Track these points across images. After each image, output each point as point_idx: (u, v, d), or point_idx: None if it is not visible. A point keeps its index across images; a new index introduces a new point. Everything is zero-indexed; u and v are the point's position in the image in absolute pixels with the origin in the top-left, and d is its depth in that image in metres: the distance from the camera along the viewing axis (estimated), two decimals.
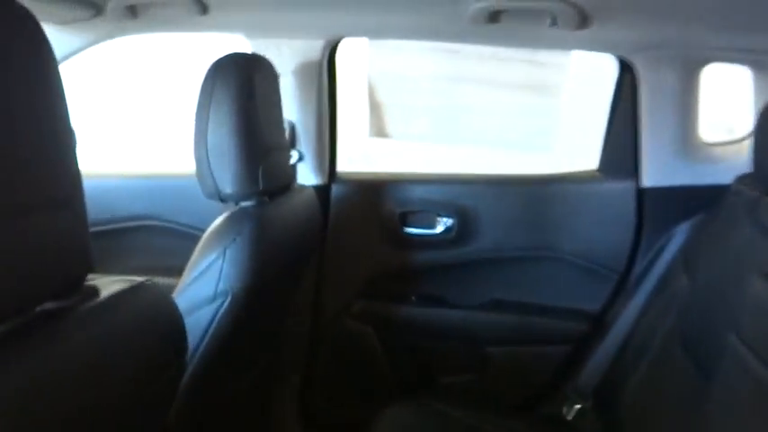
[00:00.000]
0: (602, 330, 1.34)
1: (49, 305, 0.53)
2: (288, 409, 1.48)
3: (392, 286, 1.51)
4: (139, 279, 0.63)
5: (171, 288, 1.48)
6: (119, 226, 1.58)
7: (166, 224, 1.58)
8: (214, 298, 0.90)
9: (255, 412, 1.22)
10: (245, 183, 0.97)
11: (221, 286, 0.90)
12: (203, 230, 1.54)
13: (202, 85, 0.95)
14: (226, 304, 0.90)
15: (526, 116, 1.47)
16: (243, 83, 0.94)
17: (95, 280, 0.60)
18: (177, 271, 1.47)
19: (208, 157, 0.96)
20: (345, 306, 1.50)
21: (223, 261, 0.91)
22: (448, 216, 1.42)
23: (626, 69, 1.34)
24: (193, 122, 0.96)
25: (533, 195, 1.43)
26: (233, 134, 0.94)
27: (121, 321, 0.58)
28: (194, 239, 1.52)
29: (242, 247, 0.92)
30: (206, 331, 0.90)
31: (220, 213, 1.01)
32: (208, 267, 0.91)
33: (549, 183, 1.44)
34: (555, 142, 1.42)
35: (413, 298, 1.50)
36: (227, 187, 0.97)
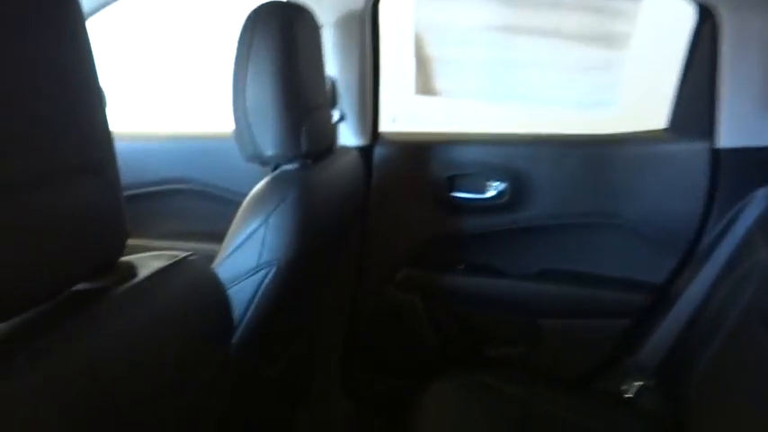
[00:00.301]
0: (667, 303, 1.30)
1: (81, 287, 0.50)
2: (330, 381, 1.50)
3: (439, 254, 1.50)
4: (180, 253, 0.61)
5: (209, 256, 1.53)
6: (152, 189, 1.62)
7: (201, 187, 1.61)
8: (257, 269, 0.89)
9: (297, 385, 1.25)
10: (288, 144, 0.95)
11: (265, 256, 0.89)
12: (239, 194, 1.57)
13: (240, 37, 0.92)
14: (270, 276, 0.89)
15: (589, 71, 1.40)
16: (284, 34, 0.91)
17: (132, 256, 0.58)
18: (213, 236, 1.50)
19: (247, 116, 0.93)
20: (389, 274, 1.50)
21: (266, 229, 0.89)
22: (500, 180, 1.40)
23: (706, 16, 1.26)
24: (231, 78, 0.94)
25: (594, 157, 1.38)
26: (274, 90, 0.91)
27: (163, 303, 0.56)
28: (229, 204, 1.55)
29: (286, 213, 0.90)
30: (249, 304, 0.89)
31: (257, 176, 1.01)
32: (250, 236, 0.90)
33: (612, 143, 1.39)
34: (619, 99, 1.35)
35: (461, 266, 1.50)
36: (269, 149, 0.95)
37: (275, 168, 1.02)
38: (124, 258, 0.55)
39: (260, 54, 0.90)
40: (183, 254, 0.61)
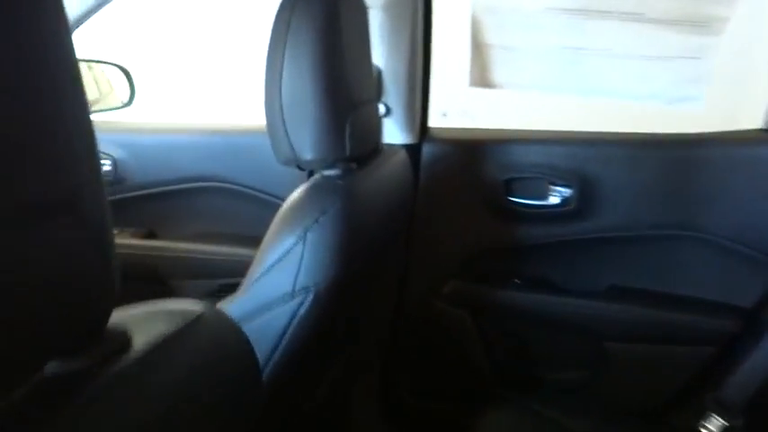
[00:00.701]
0: (758, 332, 1.24)
1: (54, 368, 0.41)
2: (369, 404, 1.50)
3: (493, 265, 1.48)
4: (191, 307, 0.52)
5: (240, 261, 1.53)
6: (178, 187, 1.62)
7: (231, 186, 1.61)
8: (292, 296, 0.84)
9: (335, 412, 1.23)
10: (330, 146, 0.90)
11: (301, 281, 0.84)
12: (272, 195, 1.56)
13: (276, 18, 0.87)
14: (306, 304, 0.84)
15: (674, 60, 1.31)
16: (328, 15, 0.85)
17: (124, 312, 0.48)
18: (243, 239, 1.52)
19: (282, 113, 0.88)
20: (436, 286, 1.48)
21: (303, 247, 0.84)
22: (565, 184, 1.35)
23: None
24: (265, 67, 0.89)
25: (676, 160, 1.32)
26: (315, 82, 0.86)
27: (167, 389, 0.45)
28: (262, 204, 1.56)
29: (327, 229, 0.85)
30: (280, 337, 0.84)
31: (293, 176, 0.99)
32: (285, 254, 0.84)
33: (699, 144, 1.33)
34: (708, 93, 1.27)
35: (517, 280, 1.47)
36: (307, 152, 0.90)
37: (312, 172, 0.99)
38: (115, 319, 0.44)
39: (299, 38, 0.85)
40: (195, 309, 0.52)
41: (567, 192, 1.35)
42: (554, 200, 1.37)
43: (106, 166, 1.59)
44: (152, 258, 1.59)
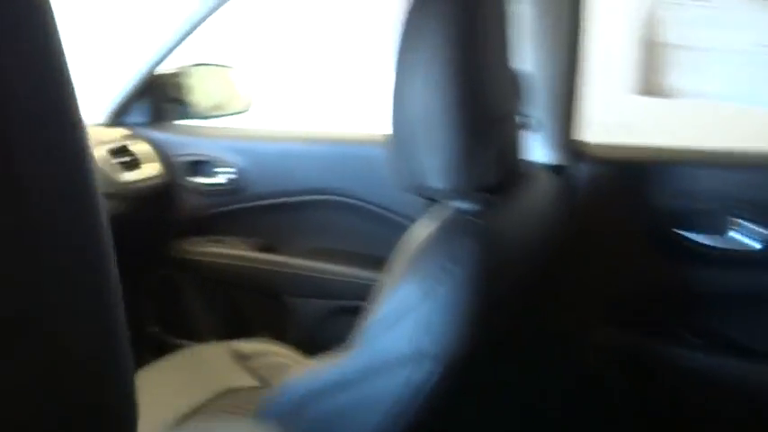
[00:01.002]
0: None
1: None
2: None
3: (655, 313, 1.33)
4: None
5: (358, 283, 1.45)
6: (299, 199, 1.63)
7: (353, 201, 1.59)
8: (407, 359, 0.74)
9: None
10: (466, 174, 0.79)
11: (421, 343, 0.74)
12: (397, 214, 1.50)
13: (407, 18, 0.78)
14: (426, 373, 0.74)
15: None
16: (464, 15, 0.76)
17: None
18: (365, 259, 1.53)
19: (411, 131, 0.79)
20: (583, 333, 1.36)
21: (427, 302, 0.74)
22: (754, 220, 1.17)
23: None
24: (393, 75, 0.80)
25: None
26: (452, 95, 0.75)
27: None
28: (386, 223, 1.53)
29: (458, 282, 0.74)
30: (388, 410, 0.75)
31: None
32: (403, 308, 0.75)
33: None
34: None
35: (686, 334, 1.30)
36: (437, 179, 0.79)
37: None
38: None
39: (433, 41, 0.76)
40: None
41: (755, 228, 1.16)
42: (738, 237, 1.19)
43: (230, 174, 1.64)
44: (268, 273, 1.63)
